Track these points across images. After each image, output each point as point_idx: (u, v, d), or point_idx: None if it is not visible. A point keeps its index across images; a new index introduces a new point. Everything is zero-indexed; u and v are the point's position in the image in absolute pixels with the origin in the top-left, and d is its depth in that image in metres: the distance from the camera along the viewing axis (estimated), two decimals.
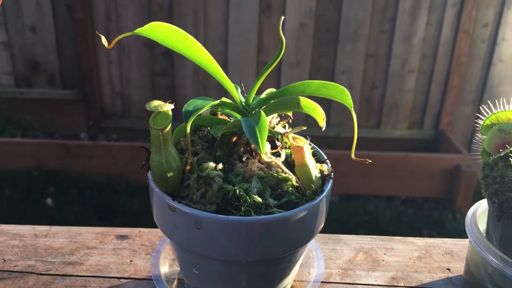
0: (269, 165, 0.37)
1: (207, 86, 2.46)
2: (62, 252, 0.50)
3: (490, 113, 0.43)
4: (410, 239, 0.54)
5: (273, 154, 0.39)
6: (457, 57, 2.35)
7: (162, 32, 0.37)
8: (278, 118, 0.43)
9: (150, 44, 2.40)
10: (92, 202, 2.12)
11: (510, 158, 0.38)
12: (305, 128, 0.39)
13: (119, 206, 2.10)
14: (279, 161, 0.37)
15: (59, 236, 0.52)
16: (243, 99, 0.40)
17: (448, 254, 0.51)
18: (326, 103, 2.47)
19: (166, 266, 0.45)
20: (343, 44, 2.39)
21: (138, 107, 2.47)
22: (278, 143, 0.39)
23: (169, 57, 2.42)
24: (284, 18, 2.28)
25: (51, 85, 2.50)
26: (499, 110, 0.43)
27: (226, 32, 2.38)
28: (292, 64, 2.43)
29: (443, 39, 2.34)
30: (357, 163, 0.40)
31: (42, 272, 0.47)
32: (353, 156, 0.41)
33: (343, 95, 0.39)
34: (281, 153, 0.38)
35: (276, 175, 0.36)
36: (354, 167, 2.23)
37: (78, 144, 2.29)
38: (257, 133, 0.34)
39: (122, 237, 0.52)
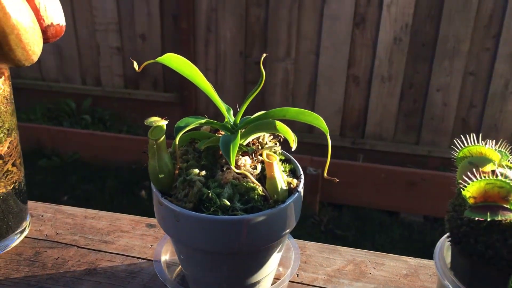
0: (244, 175, 0.44)
1: (296, 95, 2.54)
2: (101, 232, 0.61)
3: (463, 146, 0.46)
4: (404, 257, 0.57)
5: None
6: None
7: (175, 61, 0.46)
8: (271, 136, 0.51)
9: (245, 54, 2.55)
10: None
11: (461, 187, 0.41)
12: (275, 146, 0.45)
13: None
14: (251, 173, 0.45)
15: (102, 220, 0.64)
16: (232, 119, 0.48)
17: (436, 276, 0.54)
18: (418, 122, 2.43)
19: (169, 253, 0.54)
20: (439, 61, 2.33)
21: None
22: (254, 158, 0.46)
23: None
24: (377, 33, 2.30)
25: (154, 88, 2.76)
26: (471, 144, 0.46)
27: (318, 44, 2.45)
28: (384, 78, 2.42)
29: None
30: (447, 185, 0.44)
31: (82, 246, 0.59)
32: (325, 174, 0.47)
33: (319, 121, 0.45)
34: (257, 166, 0.46)
35: (245, 184, 0.43)
36: (443, 188, 2.17)
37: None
38: (230, 148, 0.42)
39: (150, 226, 0.62)
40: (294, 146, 0.44)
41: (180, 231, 0.44)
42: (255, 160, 0.46)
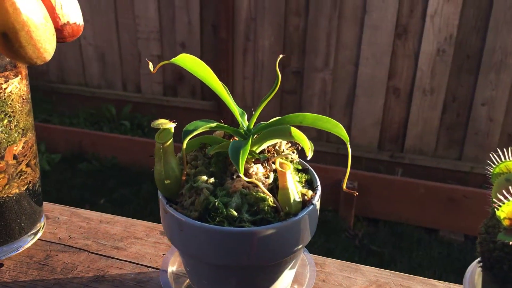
0: (255, 185, 0.41)
1: (333, 106, 2.49)
2: (114, 238, 0.60)
3: (500, 161, 0.42)
4: (433, 281, 0.53)
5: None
6: None
7: (189, 62, 0.44)
8: (289, 144, 0.47)
9: (283, 63, 2.52)
10: None
11: (495, 206, 0.37)
12: (291, 154, 0.42)
13: None
14: (262, 182, 0.42)
15: (117, 225, 0.62)
16: (246, 124, 0.45)
17: None
18: (461, 136, 2.33)
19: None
20: (485, 73, 2.23)
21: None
22: (267, 167, 0.43)
23: (299, 76, 2.51)
24: (420, 44, 2.22)
25: (192, 96, 2.77)
26: (508, 159, 0.41)
27: (358, 54, 2.40)
28: (425, 91, 2.34)
29: None
30: (490, 203, 0.40)
31: (93, 251, 0.57)
32: (344, 187, 0.43)
33: (338, 128, 0.42)
34: (269, 175, 0.43)
35: (255, 193, 0.41)
36: (485, 206, 2.06)
37: None
38: (240, 155, 0.39)
39: (164, 233, 0.60)
40: (309, 155, 0.41)
41: (185, 241, 0.41)
42: (268, 168, 0.43)
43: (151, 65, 0.45)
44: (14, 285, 0.51)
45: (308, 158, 0.41)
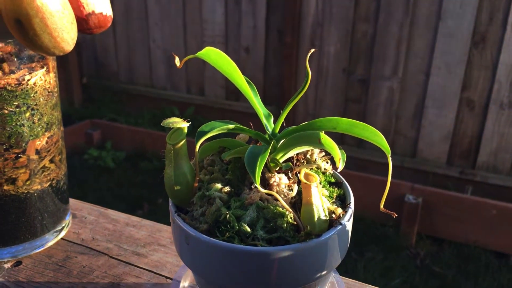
0: (275, 197, 0.36)
1: (400, 117, 2.37)
2: (137, 243, 0.56)
3: None
4: None
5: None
6: None
7: (213, 56, 0.39)
8: (323, 153, 0.42)
9: (348, 71, 2.44)
10: None
11: None
12: (319, 164, 0.36)
13: None
14: (284, 195, 0.36)
15: (143, 229, 0.59)
16: (271, 128, 0.40)
17: None
18: None
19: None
20: None
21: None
22: (291, 177, 0.37)
23: (364, 84, 2.41)
24: (499, 54, 2.06)
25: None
26: None
27: (430, 63, 2.26)
28: (503, 104, 2.17)
29: None
30: None
31: (113, 256, 0.54)
32: (382, 207, 0.37)
33: (378, 137, 0.36)
34: (293, 187, 0.37)
35: (273, 208, 0.35)
36: None
37: None
38: (257, 162, 0.34)
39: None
40: (340, 166, 0.35)
41: (191, 257, 0.36)
42: (293, 180, 0.37)
43: (177, 60, 0.41)
44: (27, 285, 0.49)
45: (339, 170, 0.35)
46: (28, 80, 0.47)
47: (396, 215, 0.35)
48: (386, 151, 0.36)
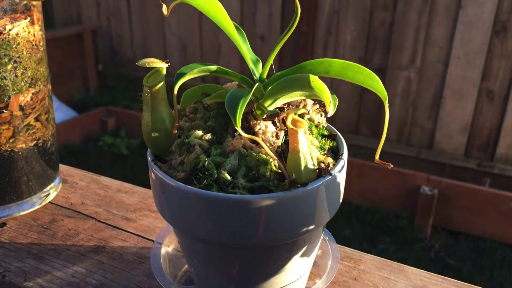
0: (260, 145, 0.33)
1: (417, 107, 2.31)
2: (127, 208, 0.54)
3: None
4: None
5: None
6: None
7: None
8: (317, 105, 0.38)
9: (365, 59, 2.39)
10: None
11: None
12: (321, 118, 0.33)
13: None
14: (269, 143, 0.33)
15: (135, 195, 0.56)
16: (258, 73, 0.37)
17: None
18: None
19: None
20: None
21: (342, 120, 2.48)
22: (278, 125, 0.34)
23: (381, 74, 2.36)
24: None
25: None
26: None
27: (448, 53, 2.20)
28: None
29: None
30: None
31: (101, 220, 0.52)
32: (377, 158, 0.34)
33: (373, 81, 0.32)
34: (279, 134, 0.34)
35: (256, 155, 0.32)
36: None
37: None
38: (239, 105, 0.31)
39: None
40: (331, 111, 0.31)
41: (168, 207, 0.34)
42: (279, 127, 0.34)
43: (164, 8, 0.38)
44: (10, 246, 0.47)
45: (329, 115, 0.32)
46: (10, 30, 0.45)
47: (392, 166, 0.32)
48: (383, 97, 0.32)
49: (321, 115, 0.38)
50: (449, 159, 2.31)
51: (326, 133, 0.38)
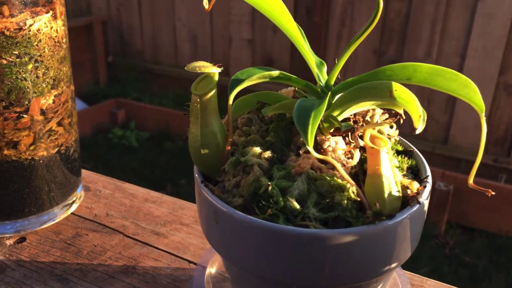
0: (332, 166, 0.28)
1: (432, 100, 2.26)
2: (156, 221, 0.49)
3: None
4: None
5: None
6: None
7: None
8: (387, 115, 0.33)
9: (379, 52, 2.33)
10: None
11: None
12: (386, 126, 0.28)
13: None
14: (342, 163, 0.28)
15: (163, 206, 0.52)
16: (324, 79, 0.32)
17: None
18: None
19: None
20: None
21: None
22: (351, 141, 0.29)
23: None
24: None
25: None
26: None
27: (466, 45, 2.14)
28: None
29: None
30: None
31: (129, 235, 0.47)
32: (471, 181, 0.29)
33: (469, 90, 0.27)
34: (354, 153, 0.29)
35: (329, 179, 0.27)
36: None
37: None
38: (310, 119, 0.26)
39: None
40: (420, 127, 0.26)
41: (221, 238, 0.29)
42: (353, 144, 0.29)
43: (205, 1, 0.33)
44: (31, 266, 0.43)
45: (417, 132, 0.27)
46: (31, 25, 0.40)
47: (493, 193, 0.27)
48: (479, 110, 0.27)
49: (392, 127, 0.33)
50: (465, 154, 2.25)
51: (400, 148, 0.33)
